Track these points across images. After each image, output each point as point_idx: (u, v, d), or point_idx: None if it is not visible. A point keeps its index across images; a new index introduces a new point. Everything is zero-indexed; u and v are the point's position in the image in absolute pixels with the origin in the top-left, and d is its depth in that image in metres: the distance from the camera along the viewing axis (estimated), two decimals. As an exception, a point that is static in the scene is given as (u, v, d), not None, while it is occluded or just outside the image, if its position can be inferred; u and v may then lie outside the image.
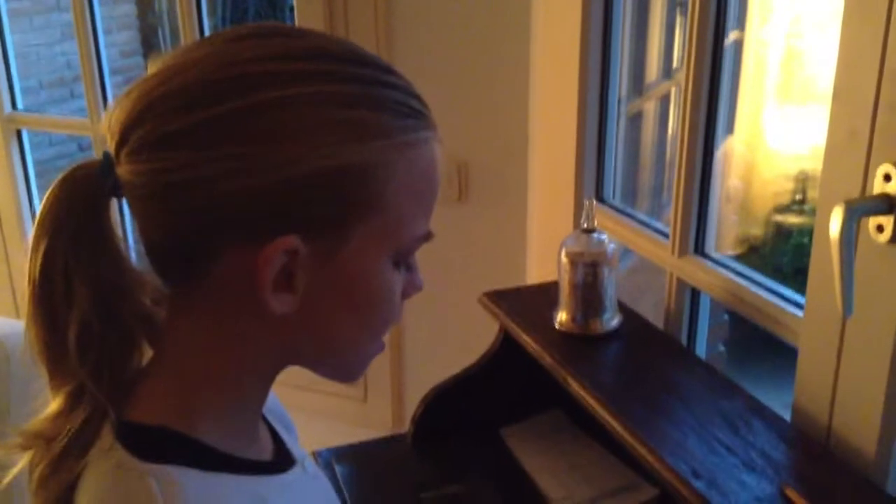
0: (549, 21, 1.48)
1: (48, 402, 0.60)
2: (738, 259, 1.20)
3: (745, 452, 0.89)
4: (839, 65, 0.87)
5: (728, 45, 1.17)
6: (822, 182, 0.90)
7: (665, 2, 1.88)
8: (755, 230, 3.21)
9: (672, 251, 1.23)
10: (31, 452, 0.60)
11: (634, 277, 1.77)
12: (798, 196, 3.18)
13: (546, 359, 1.12)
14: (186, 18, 1.84)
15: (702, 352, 1.26)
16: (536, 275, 1.63)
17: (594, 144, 1.44)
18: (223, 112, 0.54)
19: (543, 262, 1.60)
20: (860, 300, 0.82)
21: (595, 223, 1.17)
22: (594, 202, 1.20)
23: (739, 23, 1.38)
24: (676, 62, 1.91)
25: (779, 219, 3.26)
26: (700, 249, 1.22)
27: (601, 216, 1.34)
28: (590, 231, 1.16)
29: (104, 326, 0.58)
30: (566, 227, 1.46)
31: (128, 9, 4.76)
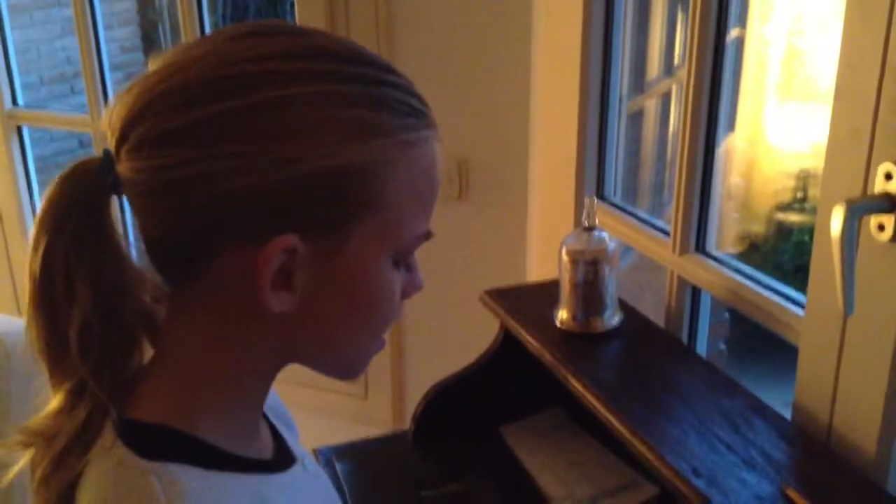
0: (551, 19, 1.48)
1: (49, 400, 0.60)
2: (739, 257, 1.20)
3: (746, 451, 0.89)
4: (840, 63, 0.87)
5: (729, 43, 1.16)
6: (824, 180, 0.90)
7: (666, -1, 1.87)
8: (756, 228, 3.22)
9: (673, 249, 1.23)
10: (33, 451, 0.60)
11: (635, 275, 1.77)
12: (799, 194, 3.18)
13: (546, 357, 1.12)
14: (187, 15, 1.84)
15: (702, 350, 1.26)
16: (537, 273, 1.63)
17: (595, 142, 1.44)
18: (224, 110, 0.54)
19: (544, 260, 1.60)
20: (861, 299, 0.82)
21: (596, 221, 1.17)
22: (595, 200, 1.20)
23: (741, 20, 1.37)
24: (678, 59, 1.91)
25: (780, 217, 3.26)
26: (701, 247, 1.22)
27: (602, 214, 1.34)
28: (590, 229, 1.16)
29: (105, 325, 0.58)
30: (567, 225, 1.46)
31: (128, 5, 4.76)
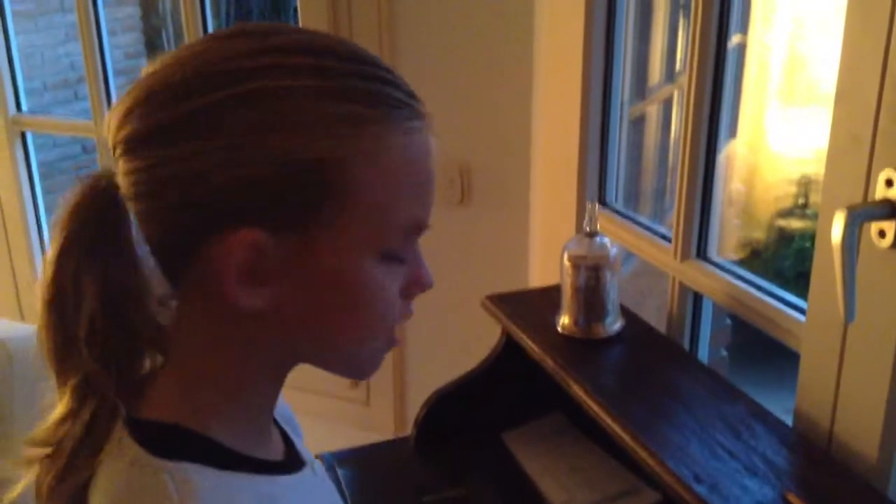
0: (553, 24, 1.48)
1: (52, 404, 0.61)
2: (741, 263, 1.20)
3: (747, 457, 0.89)
4: (841, 69, 0.87)
5: (731, 49, 1.17)
6: (824, 187, 0.91)
7: (668, 4, 1.88)
8: (757, 234, 3.21)
9: (674, 255, 1.23)
10: (37, 466, 0.61)
11: (637, 281, 1.77)
12: (801, 200, 3.18)
13: (548, 362, 1.12)
14: (190, 20, 1.84)
15: (704, 356, 1.26)
16: (539, 278, 1.63)
17: (597, 148, 1.44)
18: (192, 110, 0.55)
19: (546, 266, 1.60)
20: (862, 305, 0.82)
21: (597, 227, 1.17)
22: (596, 205, 1.20)
23: (742, 26, 1.38)
24: (679, 66, 1.91)
25: (781, 223, 3.26)
26: (702, 254, 1.22)
27: (603, 220, 1.34)
28: (592, 234, 1.17)
29: (110, 322, 0.59)
30: (568, 231, 1.46)
31: (132, 10, 4.77)
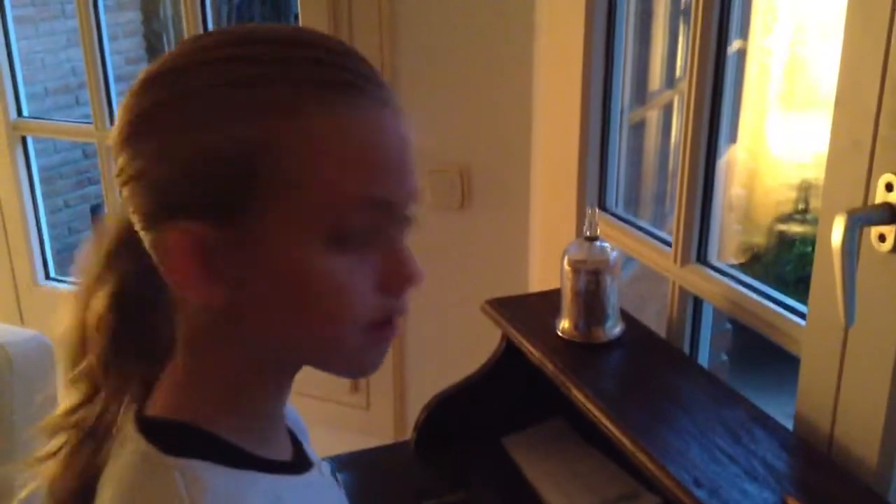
0: (553, 28, 1.49)
1: (55, 405, 0.61)
2: (742, 268, 1.20)
3: (747, 461, 0.89)
4: (841, 74, 0.87)
5: (731, 55, 1.17)
6: (824, 191, 0.91)
7: (668, 10, 1.88)
8: (758, 239, 3.22)
9: (674, 260, 1.23)
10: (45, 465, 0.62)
11: (637, 286, 1.77)
12: (801, 205, 3.18)
13: (548, 366, 1.12)
14: (191, 25, 1.85)
15: (704, 360, 1.26)
16: (539, 282, 1.63)
17: (597, 152, 1.45)
18: (140, 111, 0.57)
19: (546, 270, 1.60)
20: (862, 309, 0.82)
21: (597, 231, 1.17)
22: (596, 210, 1.20)
23: (742, 32, 1.38)
24: (679, 71, 1.91)
25: (781, 228, 3.27)
26: (702, 258, 1.22)
27: (603, 224, 1.34)
28: (592, 239, 1.17)
29: (117, 316, 0.62)
30: (569, 235, 1.46)
31: (133, 16, 4.78)
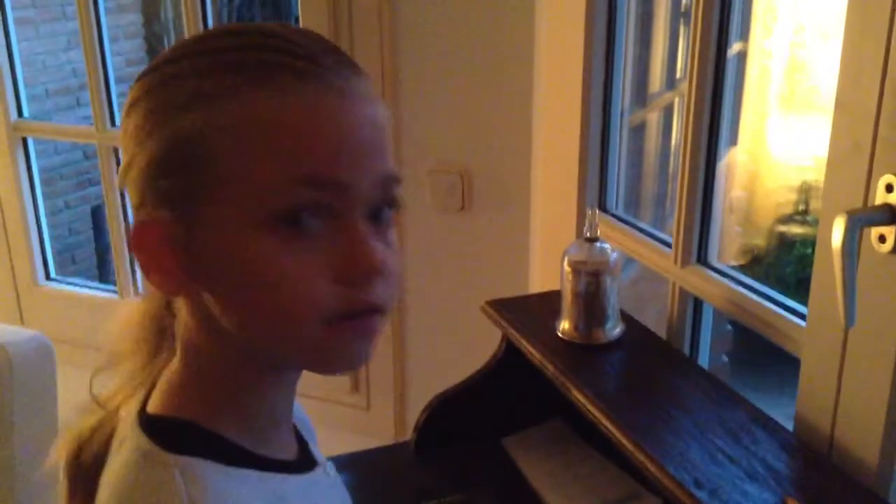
0: (553, 31, 1.49)
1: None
2: (742, 270, 1.20)
3: (748, 462, 0.89)
4: (841, 76, 0.87)
5: (731, 57, 1.17)
6: (825, 192, 0.91)
7: (668, 12, 1.88)
8: (758, 241, 3.22)
9: (674, 261, 1.23)
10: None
11: (637, 287, 1.77)
12: (801, 206, 3.19)
13: (548, 367, 1.12)
14: (192, 27, 1.85)
15: (704, 362, 1.26)
16: (539, 283, 1.63)
17: (597, 154, 1.45)
18: (125, 111, 0.60)
19: (546, 271, 1.60)
20: (862, 310, 0.82)
21: (598, 232, 1.17)
22: (597, 211, 1.20)
23: (743, 34, 1.38)
24: (680, 73, 1.91)
25: (782, 229, 3.27)
26: (703, 259, 1.22)
27: (604, 225, 1.34)
28: (592, 240, 1.17)
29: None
30: (569, 237, 1.46)
31: (134, 18, 4.79)
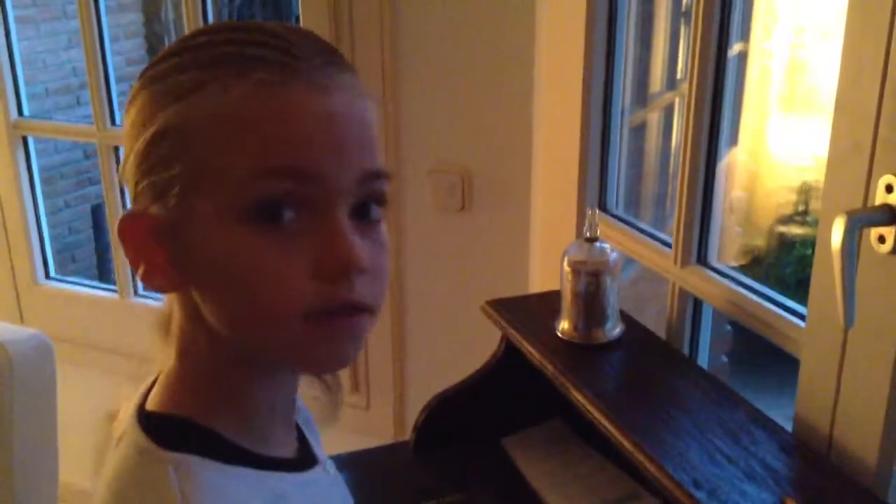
0: (553, 31, 1.49)
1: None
2: (742, 270, 1.20)
3: (746, 463, 0.89)
4: (841, 76, 0.87)
5: (732, 57, 1.17)
6: (825, 193, 0.91)
7: (669, 12, 1.88)
8: (758, 241, 3.22)
9: (674, 261, 1.23)
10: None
11: (637, 287, 1.77)
12: (801, 207, 3.19)
13: (548, 367, 1.12)
14: (192, 27, 1.85)
15: (704, 362, 1.26)
16: (539, 283, 1.63)
17: (597, 154, 1.45)
18: (126, 109, 0.61)
19: (546, 271, 1.60)
20: (861, 311, 0.83)
21: (598, 232, 1.17)
22: (597, 211, 1.20)
23: (743, 35, 1.38)
24: (681, 73, 1.91)
25: (782, 230, 3.27)
26: (702, 259, 1.22)
27: (604, 225, 1.34)
28: (592, 240, 1.17)
29: None
30: (569, 236, 1.46)
31: (134, 17, 4.80)
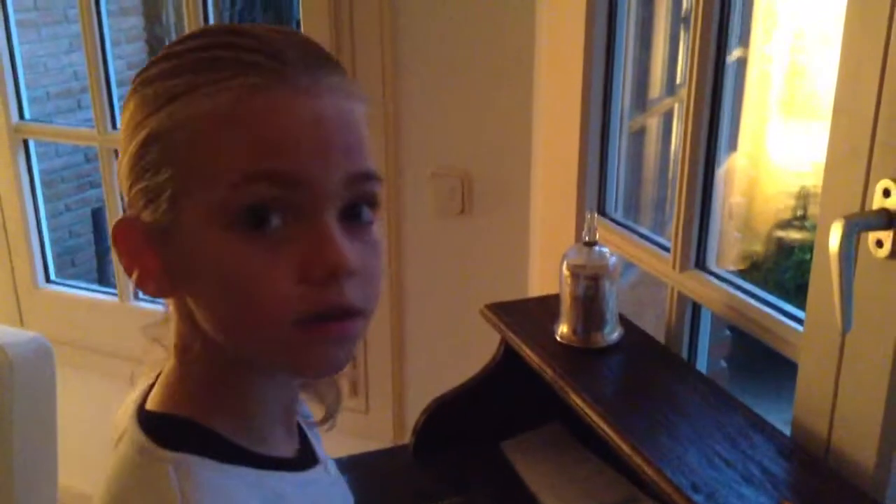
0: (553, 35, 1.49)
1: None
2: (741, 275, 1.20)
3: (745, 466, 0.90)
4: (839, 81, 0.88)
5: (731, 62, 1.17)
6: (823, 197, 0.91)
7: (669, 17, 1.89)
8: (757, 247, 3.22)
9: (673, 265, 1.23)
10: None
11: (636, 291, 1.77)
12: (800, 212, 3.19)
13: (547, 371, 1.12)
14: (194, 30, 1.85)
15: (703, 366, 1.26)
16: (538, 287, 1.63)
17: (597, 158, 1.45)
18: (122, 114, 0.62)
19: (545, 275, 1.60)
20: (859, 315, 0.83)
21: (597, 236, 1.17)
22: (596, 215, 1.20)
23: (742, 40, 1.39)
24: (680, 78, 1.92)
25: (780, 235, 3.27)
26: (701, 264, 1.22)
27: (603, 230, 1.34)
28: (591, 244, 1.17)
29: None
30: (568, 240, 1.47)
31: (135, 21, 4.80)
